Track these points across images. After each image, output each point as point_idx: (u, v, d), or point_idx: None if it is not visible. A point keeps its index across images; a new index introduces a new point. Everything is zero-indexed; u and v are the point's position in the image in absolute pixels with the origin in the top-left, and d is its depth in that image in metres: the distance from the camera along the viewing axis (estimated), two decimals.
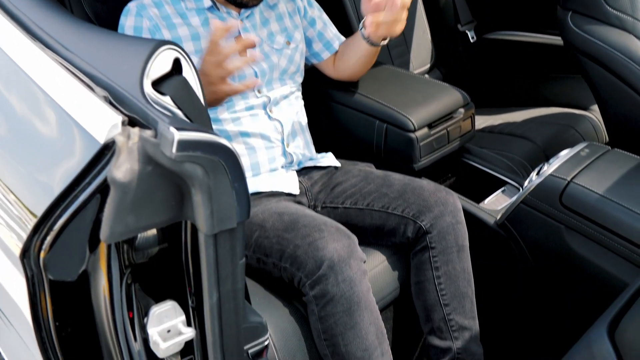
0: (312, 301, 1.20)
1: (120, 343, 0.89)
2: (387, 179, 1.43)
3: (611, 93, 1.60)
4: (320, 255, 1.17)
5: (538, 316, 1.52)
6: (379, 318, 1.23)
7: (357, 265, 1.19)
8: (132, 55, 0.87)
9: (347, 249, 1.19)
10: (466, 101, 1.72)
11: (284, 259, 1.23)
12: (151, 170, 0.78)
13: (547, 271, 1.45)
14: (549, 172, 1.42)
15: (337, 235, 1.21)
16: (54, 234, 0.84)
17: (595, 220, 1.33)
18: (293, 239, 1.22)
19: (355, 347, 1.19)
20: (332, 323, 1.19)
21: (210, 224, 0.80)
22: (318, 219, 1.25)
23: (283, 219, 1.27)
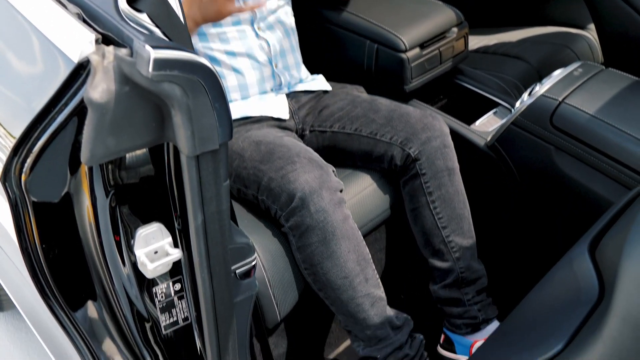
0: (289, 232, 1.21)
1: (109, 264, 0.90)
2: (373, 103, 1.41)
3: (608, 10, 1.55)
4: (292, 188, 1.18)
5: (529, 235, 1.54)
6: (359, 245, 1.24)
7: (330, 195, 1.19)
8: None
9: (319, 179, 1.19)
10: (460, 20, 1.67)
11: (261, 191, 1.24)
12: (128, 90, 0.76)
13: (536, 192, 1.46)
14: (540, 93, 1.40)
15: (309, 166, 1.20)
16: (33, 156, 0.83)
17: (585, 141, 1.32)
18: (268, 171, 1.22)
19: (334, 276, 1.21)
20: (310, 253, 1.20)
21: (192, 145, 0.79)
22: (293, 149, 1.25)
23: (260, 149, 1.26)
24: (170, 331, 0.99)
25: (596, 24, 1.68)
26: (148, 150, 0.87)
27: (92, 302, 0.96)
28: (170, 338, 1.00)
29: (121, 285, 0.93)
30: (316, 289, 1.25)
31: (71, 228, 0.87)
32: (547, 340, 0.76)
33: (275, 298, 1.22)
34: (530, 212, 1.50)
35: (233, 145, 1.31)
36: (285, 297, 1.24)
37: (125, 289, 0.93)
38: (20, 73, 0.87)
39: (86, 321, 0.98)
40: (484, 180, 1.54)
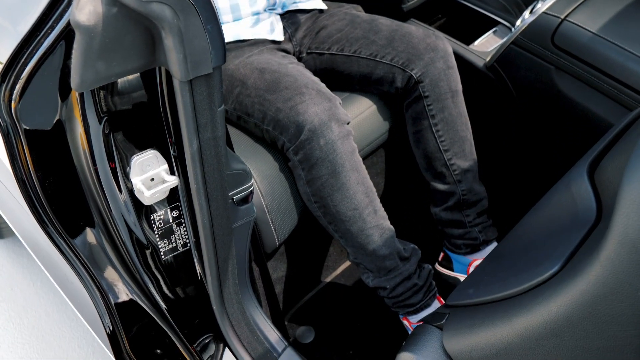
0: (297, 166, 1.20)
1: (105, 192, 0.90)
2: (373, 23, 1.36)
3: None
4: (301, 120, 1.15)
5: (528, 157, 1.53)
6: (366, 177, 1.23)
7: (339, 128, 1.17)
8: None
9: (328, 112, 1.16)
10: None
11: (267, 121, 1.21)
12: (116, 12, 0.73)
13: (535, 114, 1.44)
14: (542, 10, 1.36)
15: (317, 98, 1.17)
16: (22, 82, 0.81)
17: (587, 60, 1.29)
18: (275, 102, 1.19)
19: (344, 207, 1.21)
20: (320, 185, 1.20)
21: (184, 69, 0.77)
22: (300, 79, 1.21)
23: (265, 78, 1.23)
24: (170, 257, 1.00)
25: None
26: (140, 75, 0.84)
27: (90, 230, 0.96)
28: (170, 264, 1.01)
29: (119, 212, 0.93)
30: (325, 222, 1.25)
31: (65, 156, 0.86)
32: (544, 262, 0.77)
33: (273, 223, 1.22)
34: (530, 134, 1.48)
35: (234, 72, 1.28)
36: (284, 222, 1.25)
37: (123, 216, 0.93)
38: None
39: (86, 248, 0.98)
40: (482, 102, 1.52)
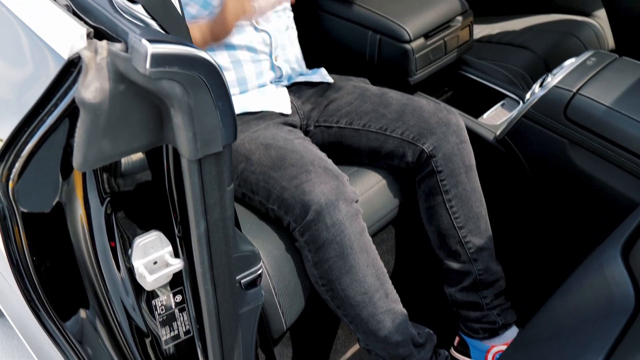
0: (304, 247, 1.15)
1: (105, 277, 0.84)
2: (383, 97, 1.34)
3: None
4: (307, 200, 1.11)
5: (544, 234, 1.48)
6: (376, 258, 1.18)
7: (347, 207, 1.13)
8: None
9: (335, 190, 1.12)
10: (464, 8, 1.61)
11: (272, 200, 1.17)
12: (124, 89, 0.70)
13: (550, 188, 1.40)
14: (553, 84, 1.34)
15: (324, 176, 1.14)
16: (22, 161, 0.76)
17: (602, 133, 1.26)
18: (280, 179, 1.16)
19: (354, 292, 1.15)
20: (327, 268, 1.14)
21: (194, 148, 0.73)
22: (306, 156, 1.18)
23: (270, 154, 1.19)
24: (171, 346, 0.93)
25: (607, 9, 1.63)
26: (145, 153, 0.80)
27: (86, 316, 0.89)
28: (171, 353, 0.94)
29: (118, 299, 0.87)
30: (334, 306, 1.19)
31: (64, 239, 0.80)
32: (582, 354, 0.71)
33: (281, 307, 1.15)
34: (545, 209, 1.44)
35: (239, 147, 1.24)
36: (292, 305, 1.18)
37: (123, 302, 0.87)
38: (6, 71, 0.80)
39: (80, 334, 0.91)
40: (494, 176, 1.48)
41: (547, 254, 1.49)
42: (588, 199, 1.33)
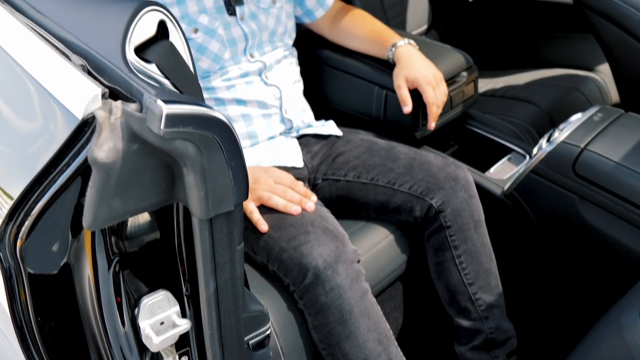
0: (304, 310, 1.13)
1: (110, 338, 0.82)
2: (391, 151, 1.34)
3: (625, 52, 1.52)
4: (305, 262, 1.09)
5: (554, 290, 1.46)
6: (379, 321, 1.15)
7: (346, 270, 1.10)
8: (111, 18, 0.78)
9: (334, 253, 1.11)
10: (469, 64, 1.63)
11: (271, 261, 1.15)
12: (137, 148, 0.69)
13: (559, 244, 1.39)
14: (560, 139, 1.35)
15: (323, 237, 1.12)
16: (31, 220, 0.76)
17: (611, 189, 1.26)
18: (279, 240, 1.14)
19: (354, 357, 1.11)
20: (327, 333, 1.11)
21: (205, 207, 0.72)
22: (306, 215, 1.17)
23: (271, 212, 1.19)
24: None
25: (612, 66, 1.65)
26: (155, 212, 0.79)
27: None
28: None
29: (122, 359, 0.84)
30: None
31: (70, 300, 0.79)
32: None
33: None
34: (555, 265, 1.42)
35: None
36: None
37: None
38: (20, 129, 0.80)
39: None
40: (502, 231, 1.47)
41: (558, 310, 1.46)
42: (598, 254, 1.31)
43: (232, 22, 1.33)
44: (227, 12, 1.32)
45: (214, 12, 1.31)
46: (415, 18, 2.20)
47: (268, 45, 1.40)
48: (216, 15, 1.31)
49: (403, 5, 2.15)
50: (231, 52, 1.32)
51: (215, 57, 1.30)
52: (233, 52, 1.33)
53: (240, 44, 1.34)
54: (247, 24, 1.35)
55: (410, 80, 1.40)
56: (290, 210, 1.18)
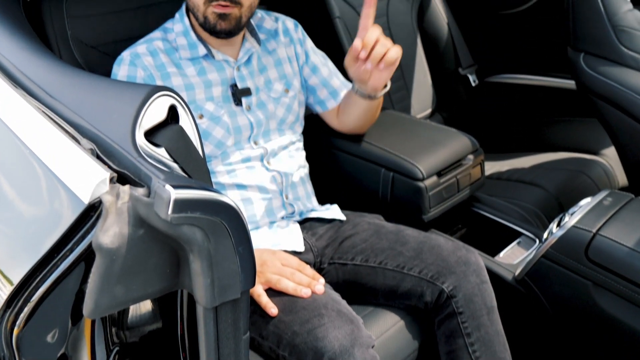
0: None
1: None
2: (400, 234, 1.33)
3: (631, 137, 1.53)
4: (320, 346, 1.05)
5: None
6: None
7: (363, 355, 1.06)
8: (123, 102, 0.78)
9: (350, 336, 1.07)
10: (475, 147, 1.64)
11: (282, 346, 1.11)
12: (143, 234, 0.68)
13: (574, 332, 1.34)
14: (571, 224, 1.33)
15: (338, 321, 1.09)
16: (30, 307, 0.73)
17: (626, 275, 1.22)
18: (291, 324, 1.11)
19: None
20: None
21: (211, 295, 0.70)
22: (319, 298, 1.15)
23: (280, 295, 1.16)
24: None
25: (618, 151, 1.65)
26: (158, 299, 0.77)
27: None
28: None
29: None
30: None
31: None
32: None
33: None
34: (570, 354, 1.37)
35: None
36: None
37: None
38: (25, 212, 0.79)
39: None
40: (514, 317, 1.42)
41: None
42: (615, 343, 1.26)
43: (238, 112, 1.34)
44: (234, 103, 1.34)
45: (221, 100, 1.33)
46: (419, 102, 2.24)
47: (275, 132, 1.41)
48: (222, 104, 1.33)
49: (407, 90, 2.19)
50: (235, 139, 1.33)
51: (218, 142, 1.31)
52: (237, 139, 1.34)
53: (245, 132, 1.35)
54: (253, 113, 1.36)
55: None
56: (300, 293, 1.15)
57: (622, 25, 1.62)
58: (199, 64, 1.33)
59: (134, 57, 1.29)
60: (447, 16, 2.28)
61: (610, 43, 1.60)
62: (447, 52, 2.31)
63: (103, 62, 1.39)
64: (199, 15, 1.28)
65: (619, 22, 1.64)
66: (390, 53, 1.27)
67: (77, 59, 1.38)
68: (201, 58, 1.34)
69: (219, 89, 1.33)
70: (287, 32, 1.49)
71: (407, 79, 2.20)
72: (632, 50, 1.59)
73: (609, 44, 1.60)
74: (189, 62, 1.33)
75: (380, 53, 1.27)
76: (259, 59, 1.42)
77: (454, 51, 2.31)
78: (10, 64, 0.93)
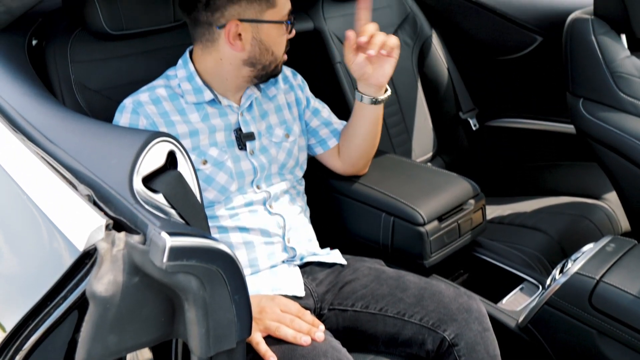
0: None
1: None
2: (400, 280, 1.31)
3: (632, 182, 1.52)
4: None
5: None
6: None
7: None
8: (122, 148, 0.78)
9: None
10: (476, 192, 1.63)
11: None
12: (138, 282, 0.67)
13: None
14: (574, 270, 1.31)
15: None
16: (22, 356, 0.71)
17: (631, 324, 1.20)
18: None
19: None
20: None
21: (206, 344, 0.68)
22: (318, 347, 1.13)
23: (280, 344, 1.14)
24: None
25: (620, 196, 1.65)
26: (151, 348, 0.75)
27: None
28: None
29: None
30: None
31: None
32: None
33: None
34: None
35: None
36: None
37: None
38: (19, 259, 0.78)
39: None
40: None
41: None
42: None
43: (241, 156, 1.35)
44: (238, 147, 1.35)
45: (225, 145, 1.33)
46: (420, 145, 2.25)
47: (277, 176, 1.41)
48: (226, 149, 1.33)
49: (408, 134, 2.20)
50: (238, 183, 1.33)
51: (221, 188, 1.31)
52: (240, 184, 1.34)
53: (248, 177, 1.35)
54: (257, 158, 1.37)
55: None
56: (299, 340, 1.13)
57: (620, 72, 1.64)
58: (203, 110, 1.34)
59: (136, 105, 1.29)
60: (447, 61, 2.31)
61: (609, 89, 1.61)
62: (448, 97, 2.33)
63: (106, 107, 1.40)
64: (273, 64, 1.34)
65: (617, 68, 1.65)
66: (390, 39, 1.33)
67: (80, 103, 1.39)
68: (206, 103, 1.34)
69: (222, 134, 1.33)
70: (287, 80, 1.51)
71: (408, 123, 2.21)
72: (630, 96, 1.60)
73: (607, 91, 1.62)
74: (192, 108, 1.33)
75: (380, 39, 1.32)
76: (260, 105, 1.43)
77: (455, 95, 2.32)
78: (11, 108, 0.94)
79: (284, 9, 1.31)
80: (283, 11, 1.31)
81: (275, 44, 1.32)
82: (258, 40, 1.29)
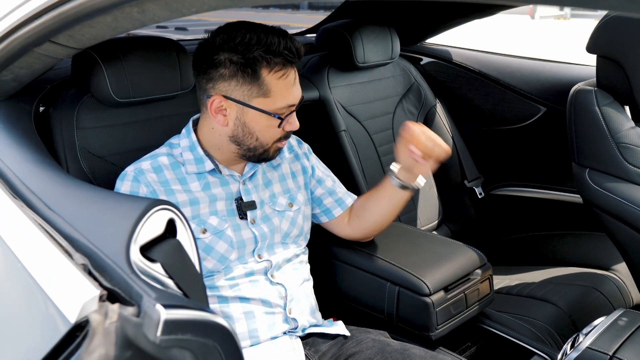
0: None
1: None
2: (406, 353, 1.26)
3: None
4: None
5: None
6: None
7: None
8: (120, 216, 0.77)
9: None
10: (483, 261, 1.60)
11: None
12: (130, 356, 0.64)
13: None
14: (586, 345, 1.26)
15: None
16: None
17: None
18: None
19: None
20: None
21: None
22: None
23: None
24: None
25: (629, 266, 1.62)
26: None
27: None
28: None
29: None
30: None
31: None
32: None
33: None
34: None
35: None
36: None
37: None
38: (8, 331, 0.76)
39: None
40: None
41: None
42: None
43: (242, 225, 1.33)
44: (239, 216, 1.33)
45: (225, 214, 1.32)
46: (425, 213, 2.23)
47: (279, 246, 1.39)
48: (227, 218, 1.32)
49: (413, 201, 2.19)
50: (239, 253, 1.31)
51: (221, 257, 1.29)
52: (240, 253, 1.31)
53: (249, 246, 1.33)
54: (258, 227, 1.35)
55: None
56: None
57: (626, 143, 1.64)
58: (204, 179, 1.33)
59: (137, 173, 1.28)
60: (451, 130, 2.33)
61: (615, 160, 1.61)
62: (453, 165, 2.33)
63: (109, 172, 1.40)
64: (259, 149, 1.31)
65: (622, 139, 1.65)
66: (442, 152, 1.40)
67: (84, 169, 1.39)
68: (207, 172, 1.34)
69: (223, 203, 1.32)
70: (292, 149, 1.51)
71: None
72: (637, 167, 1.59)
73: (613, 161, 1.61)
74: (193, 177, 1.32)
75: (430, 148, 1.37)
76: (264, 174, 1.42)
77: (460, 164, 2.33)
78: (13, 174, 0.93)
79: (281, 102, 1.25)
80: (278, 104, 1.25)
81: (262, 131, 1.27)
82: (242, 121, 1.26)
